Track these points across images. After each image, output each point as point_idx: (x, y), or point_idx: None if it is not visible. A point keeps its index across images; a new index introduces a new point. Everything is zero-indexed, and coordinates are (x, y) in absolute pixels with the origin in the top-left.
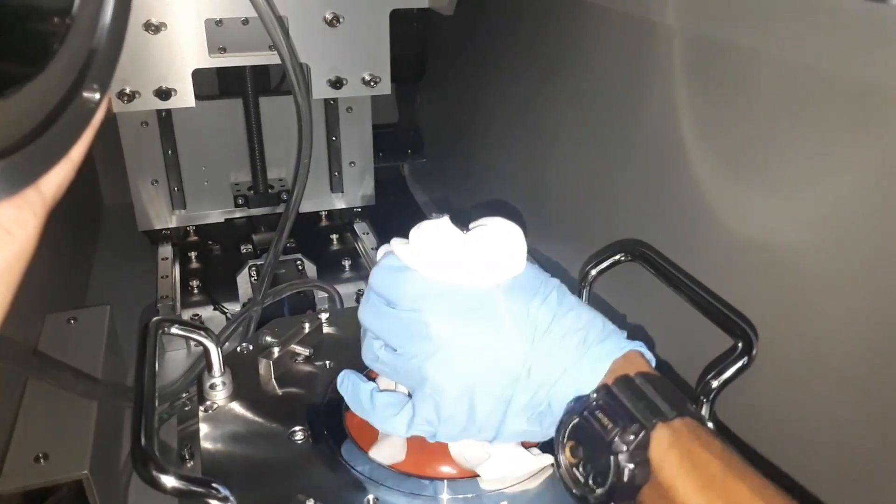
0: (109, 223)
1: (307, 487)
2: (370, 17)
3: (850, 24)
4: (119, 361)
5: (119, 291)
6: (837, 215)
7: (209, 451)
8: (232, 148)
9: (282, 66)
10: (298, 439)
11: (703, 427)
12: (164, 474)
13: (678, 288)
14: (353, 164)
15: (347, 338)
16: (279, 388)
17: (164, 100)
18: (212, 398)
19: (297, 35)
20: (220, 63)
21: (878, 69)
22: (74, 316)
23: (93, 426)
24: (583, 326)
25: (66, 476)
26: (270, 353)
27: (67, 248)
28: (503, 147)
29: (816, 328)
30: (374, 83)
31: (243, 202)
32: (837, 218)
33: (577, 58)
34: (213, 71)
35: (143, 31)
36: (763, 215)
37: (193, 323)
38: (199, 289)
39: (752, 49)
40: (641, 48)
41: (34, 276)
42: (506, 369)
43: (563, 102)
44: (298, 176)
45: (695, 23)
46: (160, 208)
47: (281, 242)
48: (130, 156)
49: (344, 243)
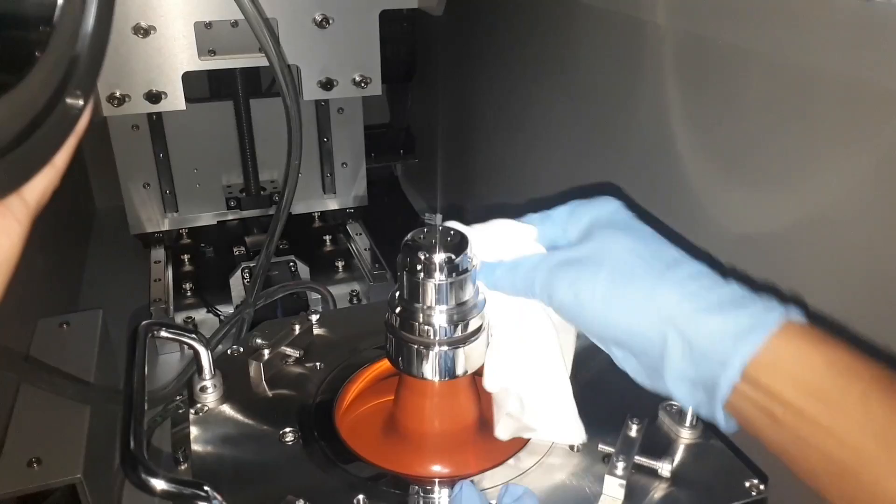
0: (101, 227)
1: (298, 489)
2: (360, 18)
3: (840, 21)
4: (112, 365)
5: (112, 295)
6: (827, 211)
7: (200, 453)
8: (223, 150)
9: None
10: (289, 441)
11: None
12: (153, 477)
13: None
14: (346, 164)
15: (338, 339)
16: (269, 390)
17: (155, 103)
18: (202, 401)
19: (286, 37)
20: (210, 66)
21: (867, 66)
22: (67, 320)
23: (86, 430)
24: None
25: (59, 480)
26: (261, 355)
27: (59, 253)
28: (496, 146)
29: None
30: (365, 84)
31: (235, 204)
32: (827, 214)
33: (567, 56)
34: (204, 74)
35: (133, 34)
36: (754, 212)
37: (183, 326)
38: (191, 291)
39: (741, 47)
40: (632, 47)
41: (26, 281)
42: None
43: (554, 101)
44: (288, 178)
45: (685, 22)
46: (152, 211)
47: (273, 244)
48: (122, 159)
49: (337, 244)
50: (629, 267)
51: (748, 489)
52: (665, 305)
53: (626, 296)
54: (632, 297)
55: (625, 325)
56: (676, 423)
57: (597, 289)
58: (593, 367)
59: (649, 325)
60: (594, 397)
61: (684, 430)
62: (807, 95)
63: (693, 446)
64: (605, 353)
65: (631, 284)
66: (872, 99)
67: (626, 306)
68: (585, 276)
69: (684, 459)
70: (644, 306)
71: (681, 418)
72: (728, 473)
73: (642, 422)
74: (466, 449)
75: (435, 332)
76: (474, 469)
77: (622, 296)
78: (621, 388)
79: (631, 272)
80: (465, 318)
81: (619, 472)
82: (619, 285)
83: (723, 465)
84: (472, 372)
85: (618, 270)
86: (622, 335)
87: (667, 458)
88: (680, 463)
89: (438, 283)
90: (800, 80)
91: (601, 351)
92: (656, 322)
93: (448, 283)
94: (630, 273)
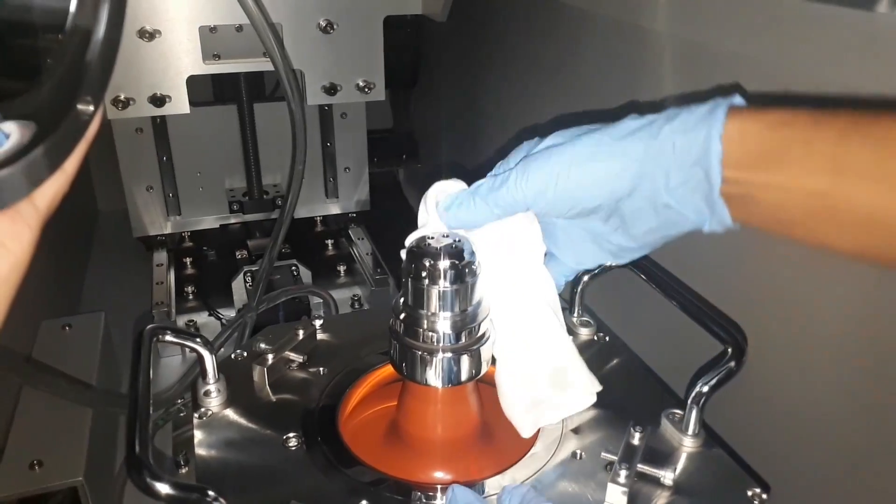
0: (104, 230)
1: (301, 493)
2: (364, 24)
3: (842, 32)
4: (113, 368)
5: (114, 298)
6: None
7: (203, 457)
8: (227, 154)
9: (276, 73)
10: (292, 446)
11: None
12: (158, 481)
13: (669, 294)
14: (348, 169)
15: (341, 344)
16: (273, 395)
17: (159, 107)
18: (206, 405)
19: (291, 42)
20: (215, 70)
21: (864, 76)
22: (69, 323)
23: (87, 433)
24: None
25: (60, 483)
26: (264, 359)
27: (62, 255)
28: (498, 151)
29: (806, 333)
30: (369, 89)
31: (238, 208)
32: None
33: (569, 62)
34: (208, 77)
35: (138, 38)
36: None
37: (188, 330)
38: (194, 295)
39: (737, 53)
40: (633, 54)
41: (29, 283)
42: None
43: (555, 106)
44: (292, 182)
45: (684, 29)
46: (155, 214)
47: (276, 248)
48: (125, 162)
49: (339, 249)
50: (586, 137)
51: (750, 498)
52: (631, 147)
53: (596, 155)
54: (600, 153)
55: (602, 179)
56: (679, 432)
57: (565, 158)
58: (596, 375)
59: (622, 169)
60: (597, 406)
61: (687, 438)
62: (806, 103)
63: (695, 454)
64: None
65: (596, 147)
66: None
67: (599, 165)
68: (554, 154)
69: (687, 467)
70: (613, 155)
71: (683, 426)
72: (730, 482)
73: (645, 430)
74: (469, 455)
75: (439, 339)
76: (477, 475)
77: (591, 156)
78: (624, 396)
79: (590, 138)
80: (470, 325)
81: (622, 479)
82: (585, 150)
83: (725, 474)
84: (476, 378)
85: (579, 141)
86: (598, 192)
87: (669, 467)
88: (682, 471)
89: (443, 290)
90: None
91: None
92: (630, 162)
93: (453, 289)
94: (590, 140)
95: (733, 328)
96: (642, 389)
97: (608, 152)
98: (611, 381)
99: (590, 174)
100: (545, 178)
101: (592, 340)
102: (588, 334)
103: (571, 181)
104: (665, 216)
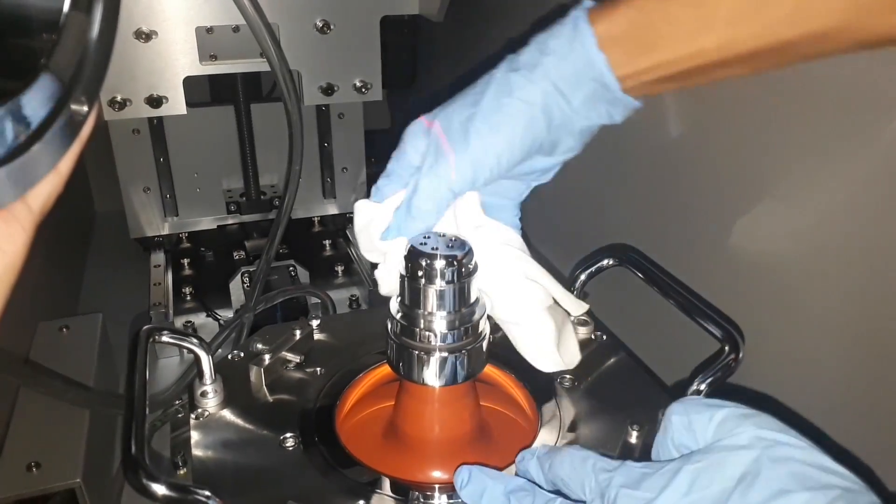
0: (101, 231)
1: (298, 494)
2: (361, 24)
3: None
4: (111, 369)
5: (111, 299)
6: (825, 221)
7: (200, 458)
8: (224, 155)
9: (273, 73)
10: (289, 446)
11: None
12: (154, 482)
13: (666, 292)
14: (346, 169)
15: (338, 344)
16: (270, 395)
17: (156, 107)
18: (203, 406)
19: (288, 42)
20: (212, 70)
21: (870, 76)
22: (66, 324)
23: (85, 434)
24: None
25: (58, 484)
26: (261, 360)
27: (59, 256)
28: None
29: (803, 331)
30: (366, 89)
31: (235, 209)
32: (826, 224)
33: None
34: (205, 78)
35: (134, 39)
36: (750, 221)
37: (185, 331)
38: (191, 296)
39: None
40: None
41: (26, 285)
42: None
43: None
44: (289, 182)
45: None
46: (152, 215)
47: (273, 249)
48: (122, 163)
49: (336, 249)
50: (486, 105)
51: None
52: (528, 94)
53: (501, 106)
54: (506, 99)
55: (520, 138)
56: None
57: (482, 109)
58: (594, 374)
59: (532, 118)
60: (595, 404)
61: None
62: (810, 105)
63: None
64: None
65: (498, 98)
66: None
67: (515, 130)
68: (472, 136)
69: None
70: (521, 112)
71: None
72: None
73: (642, 428)
74: (467, 455)
75: (436, 338)
76: None
77: (497, 105)
78: (622, 395)
79: (491, 105)
80: (467, 324)
81: None
82: (491, 102)
83: None
84: (473, 378)
85: (483, 114)
86: (524, 148)
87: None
88: None
89: (440, 289)
90: (803, 90)
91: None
92: (536, 109)
93: (450, 288)
94: (494, 106)
95: (730, 325)
96: (640, 388)
97: (515, 111)
98: (608, 379)
99: (513, 139)
100: (479, 163)
101: (590, 339)
102: (585, 333)
103: (503, 156)
104: (579, 131)
